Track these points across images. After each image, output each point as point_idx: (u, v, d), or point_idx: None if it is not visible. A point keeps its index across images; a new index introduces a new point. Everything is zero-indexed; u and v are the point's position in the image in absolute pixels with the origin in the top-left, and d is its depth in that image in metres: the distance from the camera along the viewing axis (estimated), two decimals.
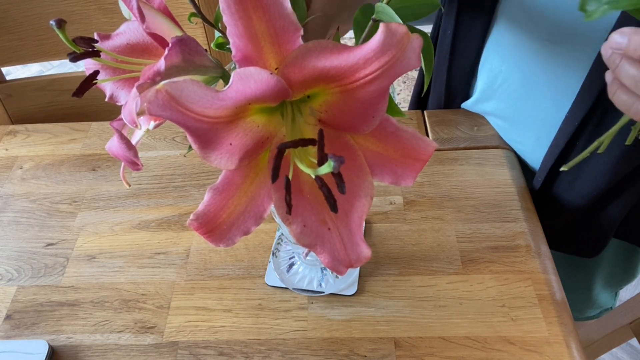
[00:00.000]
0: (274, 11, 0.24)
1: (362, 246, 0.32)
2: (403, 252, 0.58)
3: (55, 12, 0.85)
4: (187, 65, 0.31)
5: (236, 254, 0.59)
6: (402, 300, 0.54)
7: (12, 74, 1.72)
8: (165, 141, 0.72)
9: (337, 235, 0.32)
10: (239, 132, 0.29)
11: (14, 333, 0.54)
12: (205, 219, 0.31)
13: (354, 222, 0.32)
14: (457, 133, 0.70)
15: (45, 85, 0.94)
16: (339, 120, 0.31)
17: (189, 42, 0.31)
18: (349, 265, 0.32)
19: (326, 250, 0.32)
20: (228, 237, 0.32)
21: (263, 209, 0.32)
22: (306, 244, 0.32)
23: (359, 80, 0.27)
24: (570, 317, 0.52)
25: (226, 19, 0.25)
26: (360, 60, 0.26)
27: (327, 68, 0.27)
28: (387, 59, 0.25)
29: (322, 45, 0.26)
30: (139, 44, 0.36)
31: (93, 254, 0.61)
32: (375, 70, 0.26)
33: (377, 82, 0.27)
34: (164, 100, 0.24)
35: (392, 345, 0.51)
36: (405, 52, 0.25)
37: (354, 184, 0.32)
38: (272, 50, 0.26)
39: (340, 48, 0.26)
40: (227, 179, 0.31)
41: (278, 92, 0.27)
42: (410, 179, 0.32)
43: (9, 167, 0.71)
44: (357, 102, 0.29)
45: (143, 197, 0.66)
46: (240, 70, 0.26)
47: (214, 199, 0.31)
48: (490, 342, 0.51)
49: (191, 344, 0.52)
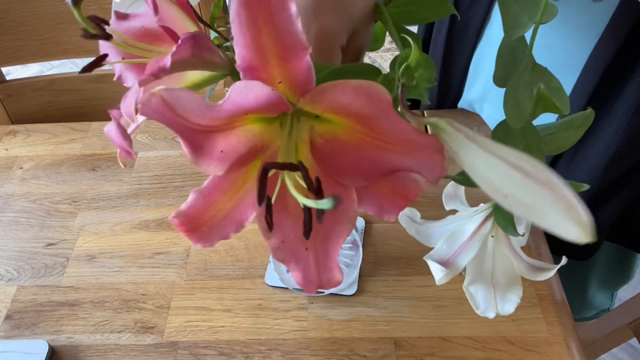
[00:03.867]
0: (284, 28, 0.24)
1: (335, 271, 0.32)
2: (403, 252, 0.58)
3: (55, 12, 0.85)
4: (196, 61, 0.31)
5: (236, 254, 0.59)
6: (402, 300, 0.54)
7: (12, 74, 1.72)
8: (165, 141, 0.72)
9: (313, 257, 0.32)
10: (232, 140, 0.29)
11: (14, 333, 0.54)
12: (186, 218, 0.31)
13: (332, 246, 0.32)
14: None
15: (45, 85, 0.94)
16: (331, 157, 0.30)
17: (201, 38, 0.30)
18: (319, 287, 0.32)
19: (299, 269, 0.32)
20: (207, 239, 0.32)
21: (245, 217, 0.32)
22: (280, 259, 0.32)
23: (386, 146, 0.28)
24: (570, 317, 0.52)
25: (234, 29, 0.24)
26: (405, 136, 0.27)
27: (366, 114, 0.27)
28: (422, 154, 0.27)
29: (379, 91, 0.26)
30: (152, 30, 0.35)
31: (93, 254, 0.61)
32: (409, 149, 0.27)
33: (400, 158, 0.28)
34: (157, 105, 0.24)
35: (392, 345, 0.51)
36: (435, 163, 0.27)
37: (339, 210, 0.31)
38: (278, 65, 0.26)
39: (400, 117, 0.26)
40: (213, 183, 0.31)
41: (277, 106, 0.27)
42: (394, 214, 0.31)
43: (9, 167, 0.71)
44: (364, 158, 0.29)
45: (143, 197, 0.66)
46: (240, 84, 0.25)
47: (197, 201, 0.31)
48: (490, 342, 0.51)
49: (191, 344, 0.52)
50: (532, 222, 0.24)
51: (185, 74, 0.36)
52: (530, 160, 0.25)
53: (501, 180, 0.25)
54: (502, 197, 0.25)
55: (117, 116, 0.33)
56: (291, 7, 0.24)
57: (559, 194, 0.24)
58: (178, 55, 0.28)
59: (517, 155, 0.25)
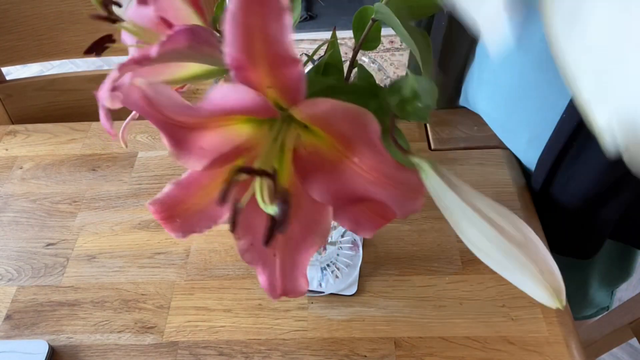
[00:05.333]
0: (276, 38, 0.24)
1: (300, 281, 0.32)
2: (403, 252, 0.58)
3: (55, 12, 0.85)
4: (193, 53, 0.30)
5: (236, 254, 0.59)
6: (402, 300, 0.54)
7: (12, 74, 1.72)
8: None
9: (281, 264, 0.32)
10: (215, 138, 0.28)
11: (14, 333, 0.54)
12: (161, 207, 0.31)
13: (301, 256, 0.32)
14: (457, 133, 0.70)
15: (45, 85, 0.94)
16: (309, 170, 0.30)
17: (201, 32, 0.30)
18: (283, 294, 0.32)
19: (265, 273, 0.32)
20: (179, 230, 0.32)
21: (219, 215, 0.31)
22: (248, 261, 0.32)
23: (362, 173, 0.28)
24: (570, 317, 0.52)
25: (227, 29, 0.24)
26: (383, 168, 0.27)
27: (350, 137, 0.26)
28: (395, 189, 0.27)
29: (367, 119, 0.26)
30: (167, 20, 0.35)
31: (93, 254, 0.61)
32: (385, 181, 0.27)
33: (373, 188, 0.28)
34: (136, 98, 0.24)
35: (392, 345, 0.51)
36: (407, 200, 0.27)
37: (313, 221, 0.31)
38: (268, 71, 0.25)
39: (383, 148, 0.26)
40: (192, 177, 0.31)
41: (263, 111, 0.27)
42: (370, 232, 0.30)
43: (9, 167, 0.71)
44: (338, 180, 0.29)
45: (143, 197, 0.66)
46: (224, 87, 0.25)
47: (173, 192, 0.31)
48: (490, 342, 0.51)
49: (191, 344, 0.52)
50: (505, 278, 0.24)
51: (185, 65, 0.35)
52: (510, 216, 0.25)
53: (476, 234, 0.25)
54: (476, 249, 0.25)
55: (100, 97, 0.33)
56: (285, 19, 0.24)
57: (534, 256, 0.24)
58: (168, 46, 0.28)
59: (497, 210, 0.25)
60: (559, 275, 0.23)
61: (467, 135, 0.69)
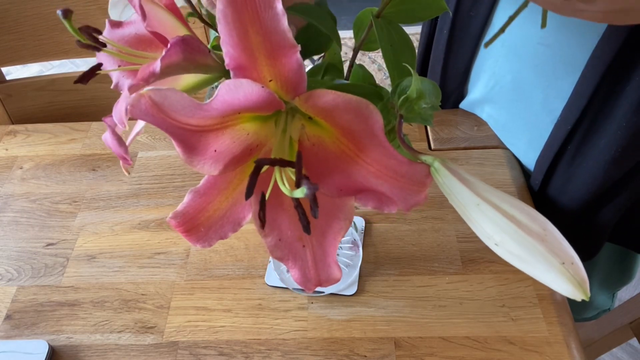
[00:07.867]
0: (270, 26, 0.24)
1: (333, 268, 0.32)
2: (403, 252, 0.58)
3: (55, 12, 0.85)
4: (188, 64, 0.31)
5: (236, 254, 0.59)
6: (402, 300, 0.54)
7: (12, 74, 1.72)
8: (165, 141, 0.72)
9: (311, 254, 0.32)
10: (226, 140, 0.28)
11: (14, 333, 0.54)
12: (183, 219, 0.31)
13: (329, 243, 0.31)
14: (457, 133, 0.70)
15: (45, 85, 0.94)
16: (313, 162, 0.30)
17: (191, 42, 0.30)
18: (318, 284, 0.32)
19: (297, 267, 0.32)
20: (205, 239, 0.31)
21: (242, 217, 0.32)
22: (278, 257, 0.32)
23: (364, 165, 0.27)
24: (570, 317, 0.52)
25: (221, 28, 0.24)
26: (384, 160, 0.27)
27: (352, 129, 0.26)
28: (397, 182, 0.27)
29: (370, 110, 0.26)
30: (145, 37, 0.35)
31: (93, 254, 0.61)
32: (389, 173, 0.27)
33: (375, 180, 0.27)
34: (146, 106, 0.24)
35: (392, 345, 0.51)
36: (409, 194, 0.27)
37: (335, 206, 0.31)
38: (267, 63, 0.25)
39: (385, 140, 0.26)
40: (209, 182, 0.31)
41: (270, 104, 0.27)
42: (394, 206, 0.30)
43: (9, 167, 0.71)
44: (341, 171, 0.29)
45: (143, 197, 0.66)
46: (230, 82, 0.25)
47: (194, 201, 0.31)
48: (490, 342, 0.51)
49: (191, 344, 0.52)
50: (526, 273, 0.24)
51: (180, 78, 0.35)
52: (525, 209, 0.24)
53: (493, 228, 0.24)
54: (493, 244, 0.24)
55: (111, 124, 0.33)
56: (277, 5, 0.23)
57: (555, 248, 0.23)
58: (168, 60, 0.28)
59: (512, 203, 0.25)
60: (581, 265, 0.23)
61: (467, 135, 0.69)
